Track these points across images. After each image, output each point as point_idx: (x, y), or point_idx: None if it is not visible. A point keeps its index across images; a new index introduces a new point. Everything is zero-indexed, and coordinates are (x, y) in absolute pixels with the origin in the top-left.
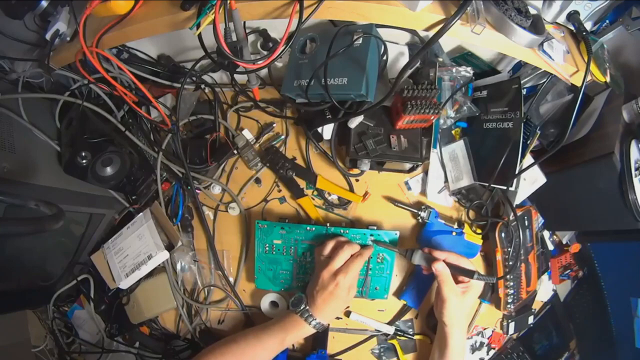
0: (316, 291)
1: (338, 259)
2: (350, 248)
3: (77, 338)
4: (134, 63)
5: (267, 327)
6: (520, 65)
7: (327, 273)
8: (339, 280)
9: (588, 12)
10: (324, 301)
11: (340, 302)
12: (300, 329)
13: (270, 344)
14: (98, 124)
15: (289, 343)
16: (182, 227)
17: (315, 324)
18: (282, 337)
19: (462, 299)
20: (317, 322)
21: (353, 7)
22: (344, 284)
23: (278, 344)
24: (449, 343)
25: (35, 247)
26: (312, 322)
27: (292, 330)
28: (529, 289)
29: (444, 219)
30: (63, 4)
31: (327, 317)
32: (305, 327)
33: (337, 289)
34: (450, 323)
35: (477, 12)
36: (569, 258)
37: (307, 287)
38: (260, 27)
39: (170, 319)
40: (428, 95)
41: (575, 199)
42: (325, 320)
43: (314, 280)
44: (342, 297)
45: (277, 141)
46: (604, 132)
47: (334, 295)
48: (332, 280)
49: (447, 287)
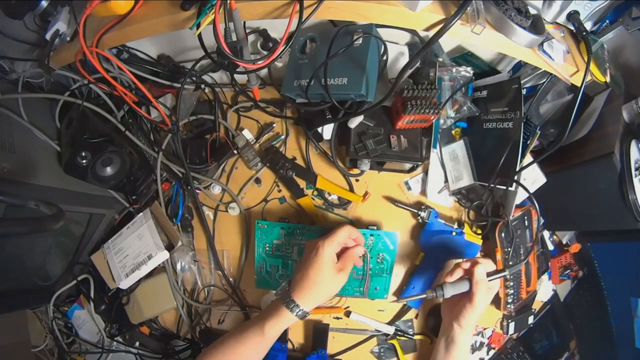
0: (297, 268)
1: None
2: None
3: (77, 338)
4: (134, 63)
5: (250, 320)
6: (520, 65)
7: (311, 244)
8: (319, 245)
9: (588, 12)
10: (305, 277)
11: (324, 280)
12: (280, 317)
13: (251, 335)
14: (98, 124)
15: (269, 331)
16: (182, 227)
17: (297, 311)
18: (261, 324)
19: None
20: (299, 309)
21: (353, 7)
22: (326, 251)
23: (259, 334)
24: (457, 343)
25: (35, 247)
26: (294, 309)
27: (270, 317)
28: (529, 289)
29: (444, 219)
30: (63, 4)
31: (309, 300)
32: (283, 314)
33: (318, 259)
34: (466, 327)
35: (477, 12)
36: (569, 258)
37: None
38: (260, 27)
39: (170, 319)
40: (428, 95)
41: (575, 199)
42: (307, 306)
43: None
44: (326, 272)
45: (277, 141)
46: (604, 132)
47: (315, 269)
48: (313, 247)
49: (481, 295)
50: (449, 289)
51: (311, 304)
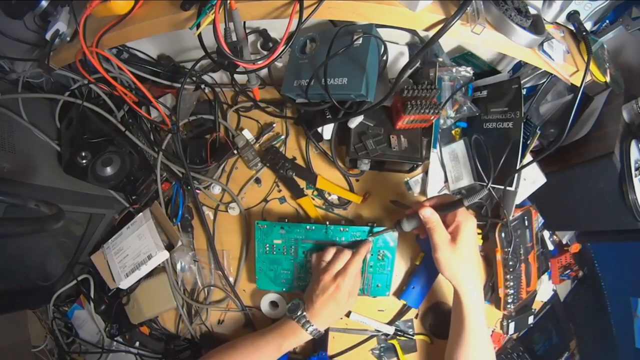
0: (316, 295)
1: (339, 262)
2: (350, 252)
3: (77, 338)
4: (134, 63)
5: (265, 333)
6: (520, 65)
7: (328, 276)
8: (339, 283)
9: (588, 12)
10: (322, 305)
11: (339, 307)
12: (297, 336)
13: (267, 350)
14: (98, 124)
15: (286, 349)
16: (182, 227)
17: (312, 331)
18: (279, 343)
19: (455, 246)
20: (314, 329)
21: (353, 7)
22: (344, 287)
23: (275, 351)
24: (462, 302)
25: (35, 247)
26: (309, 329)
27: (288, 337)
28: (529, 289)
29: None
30: (63, 4)
31: (324, 323)
32: (301, 334)
33: (338, 292)
34: (455, 278)
35: (477, 12)
36: (569, 258)
37: (305, 292)
38: (260, 27)
39: (170, 319)
40: (428, 95)
41: (575, 199)
42: (322, 327)
43: (312, 284)
44: (341, 301)
45: (277, 141)
46: (604, 132)
47: (334, 299)
48: (332, 282)
49: (437, 234)
50: (405, 223)
51: (326, 326)
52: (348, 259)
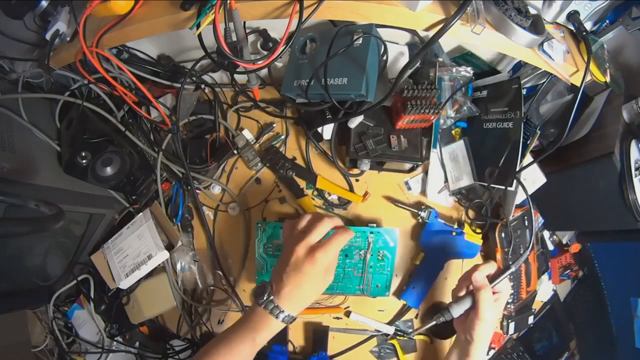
0: (286, 273)
1: (316, 232)
2: (331, 221)
3: (77, 338)
4: (134, 63)
5: (236, 329)
6: (520, 65)
7: (303, 248)
8: (317, 257)
9: (588, 12)
10: (295, 286)
11: (314, 287)
12: (268, 326)
13: (243, 348)
14: (98, 124)
15: (261, 343)
16: (182, 227)
17: (283, 317)
18: (252, 337)
19: (495, 313)
20: (286, 315)
21: (353, 7)
22: (321, 263)
23: (250, 347)
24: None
25: (35, 247)
26: (280, 316)
27: (259, 329)
28: (529, 289)
29: (444, 219)
30: (63, 4)
31: (297, 306)
32: (272, 323)
33: (313, 269)
34: (479, 339)
35: (477, 12)
36: (569, 258)
37: (273, 269)
38: (260, 27)
39: (170, 319)
40: (428, 95)
41: (575, 199)
42: (295, 312)
43: (281, 259)
44: (317, 280)
45: (277, 141)
46: (604, 132)
47: (309, 277)
48: (309, 257)
49: (486, 303)
50: (454, 308)
51: (299, 310)
52: (328, 227)
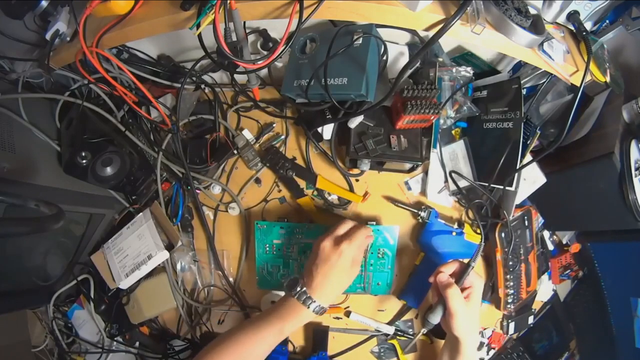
0: (315, 265)
1: (341, 227)
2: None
3: (77, 338)
4: (134, 63)
5: (264, 317)
6: (520, 65)
7: (329, 241)
8: (343, 249)
9: (588, 12)
10: (324, 276)
11: (343, 277)
12: (299, 315)
13: (268, 334)
14: (98, 124)
15: (288, 332)
16: (182, 227)
17: (314, 307)
18: (280, 326)
19: (470, 307)
20: (317, 305)
21: (353, 7)
22: (348, 253)
23: (277, 334)
24: (461, 352)
25: (35, 247)
26: (312, 306)
27: (289, 318)
28: (529, 289)
29: (444, 219)
30: (63, 4)
31: (327, 297)
32: (303, 313)
33: (341, 260)
34: (463, 336)
35: (477, 12)
36: (569, 258)
37: (305, 266)
38: (260, 27)
39: (170, 319)
40: (428, 95)
41: (575, 199)
42: (325, 302)
43: (311, 257)
44: (345, 270)
45: (277, 141)
46: (604, 132)
47: (337, 268)
48: (335, 249)
49: (455, 299)
50: (431, 316)
51: (330, 301)
52: (352, 226)
